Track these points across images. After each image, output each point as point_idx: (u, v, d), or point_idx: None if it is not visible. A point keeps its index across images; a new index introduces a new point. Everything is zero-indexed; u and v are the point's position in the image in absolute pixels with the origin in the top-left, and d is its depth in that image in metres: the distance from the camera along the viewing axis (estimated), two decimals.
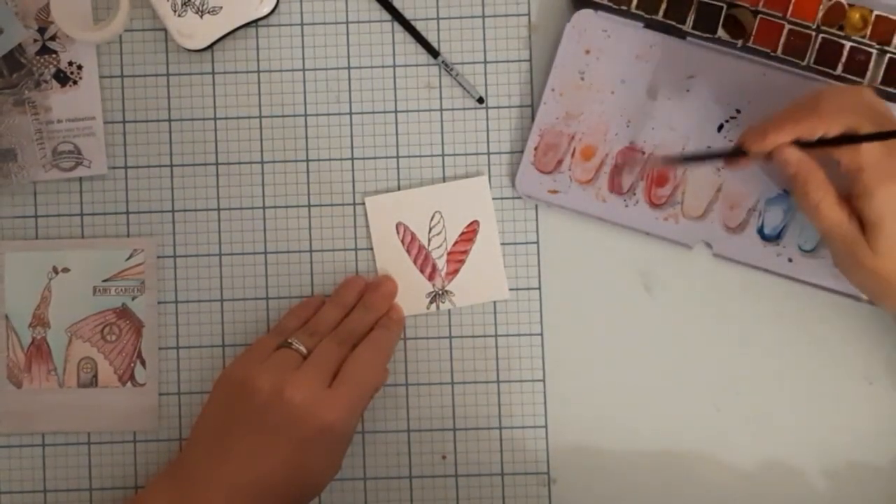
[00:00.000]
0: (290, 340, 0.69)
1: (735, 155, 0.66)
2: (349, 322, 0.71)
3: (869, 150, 0.61)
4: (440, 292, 0.74)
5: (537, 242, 0.75)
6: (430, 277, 0.74)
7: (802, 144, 0.63)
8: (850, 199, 0.63)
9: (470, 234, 0.74)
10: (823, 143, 0.62)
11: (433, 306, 0.74)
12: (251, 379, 0.67)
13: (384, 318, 0.73)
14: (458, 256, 0.74)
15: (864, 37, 0.72)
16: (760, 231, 0.73)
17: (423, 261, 0.74)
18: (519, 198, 0.75)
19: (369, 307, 0.72)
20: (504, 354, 0.75)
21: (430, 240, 0.74)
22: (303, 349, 0.68)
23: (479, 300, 0.74)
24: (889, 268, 0.62)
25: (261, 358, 0.68)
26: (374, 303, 0.72)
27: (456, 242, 0.74)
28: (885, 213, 0.61)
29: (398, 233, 0.75)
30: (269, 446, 0.65)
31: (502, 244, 0.74)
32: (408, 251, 0.74)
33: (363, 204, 0.75)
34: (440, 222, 0.74)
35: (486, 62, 0.75)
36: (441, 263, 0.74)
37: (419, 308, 0.74)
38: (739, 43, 0.73)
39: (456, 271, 0.74)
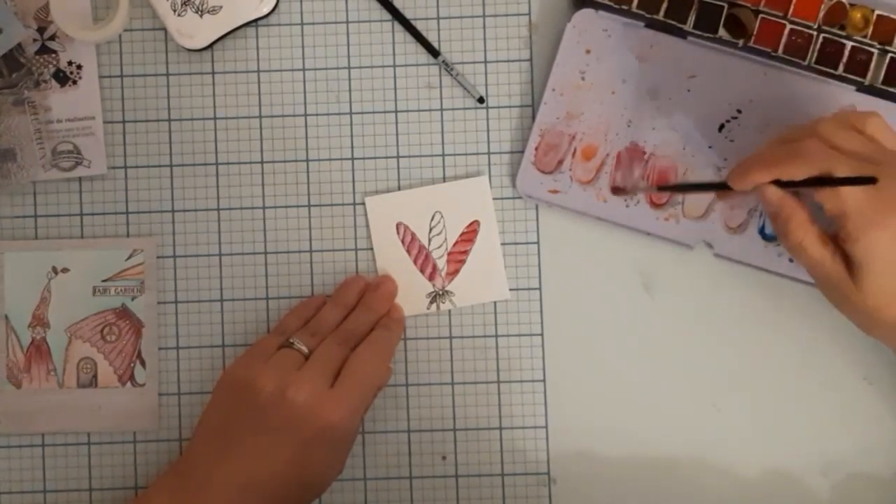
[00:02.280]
0: (291, 340, 0.69)
1: (723, 189, 0.65)
2: (350, 322, 0.71)
3: (851, 194, 0.60)
4: (440, 292, 0.74)
5: (537, 242, 0.74)
6: (431, 277, 0.74)
7: (783, 184, 0.62)
8: (835, 237, 0.63)
9: (470, 234, 0.74)
10: (802, 183, 0.61)
11: (433, 306, 0.74)
12: (253, 379, 0.67)
13: (385, 317, 0.73)
14: (458, 256, 0.74)
15: (865, 37, 0.72)
16: (761, 231, 0.73)
17: (423, 261, 0.74)
18: (519, 198, 0.74)
19: (370, 307, 0.72)
20: (504, 354, 0.74)
21: (430, 240, 0.74)
22: (304, 349, 0.68)
23: (480, 300, 0.74)
24: (874, 304, 0.62)
25: (262, 358, 0.68)
26: (374, 303, 0.72)
27: (456, 242, 0.74)
28: (870, 257, 0.61)
29: (398, 233, 0.74)
30: (272, 446, 0.65)
31: (502, 244, 0.74)
32: (408, 251, 0.74)
33: (363, 204, 0.75)
34: (440, 222, 0.74)
35: (486, 62, 0.75)
36: (441, 263, 0.74)
37: (419, 308, 0.74)
38: (741, 43, 0.73)
39: (456, 271, 0.74)
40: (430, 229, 0.74)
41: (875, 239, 0.60)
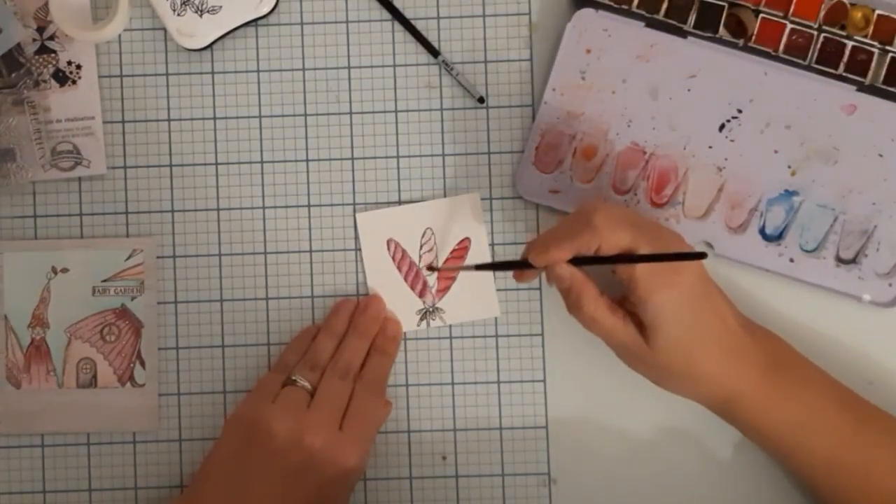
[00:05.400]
0: (293, 378, 0.70)
1: (522, 267, 0.67)
2: (345, 352, 0.71)
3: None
4: (430, 309, 0.74)
5: None
6: (421, 294, 0.74)
7: (577, 261, 0.65)
8: (624, 301, 0.66)
9: (461, 251, 0.74)
10: (596, 260, 0.64)
11: (423, 323, 0.74)
12: (265, 422, 0.67)
13: (379, 337, 0.73)
14: (448, 273, 0.74)
15: (865, 36, 0.72)
16: (762, 231, 0.73)
17: (413, 277, 0.74)
18: (519, 198, 0.74)
19: (361, 332, 0.72)
20: (504, 355, 0.74)
21: (420, 256, 0.74)
22: (307, 385, 0.69)
23: (470, 318, 0.74)
24: (665, 360, 0.66)
25: (268, 398, 0.69)
26: (364, 327, 0.73)
27: (447, 259, 0.74)
28: (660, 317, 0.64)
29: (389, 249, 0.74)
30: (290, 489, 0.66)
31: (503, 245, 0.74)
32: (398, 268, 0.74)
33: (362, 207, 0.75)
34: (431, 239, 0.74)
35: (486, 62, 0.75)
36: (432, 280, 0.74)
37: (409, 325, 0.74)
38: (741, 42, 0.73)
39: (447, 288, 0.74)
40: (421, 246, 0.74)
41: (663, 300, 0.64)
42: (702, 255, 0.62)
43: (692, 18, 0.73)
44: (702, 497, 0.74)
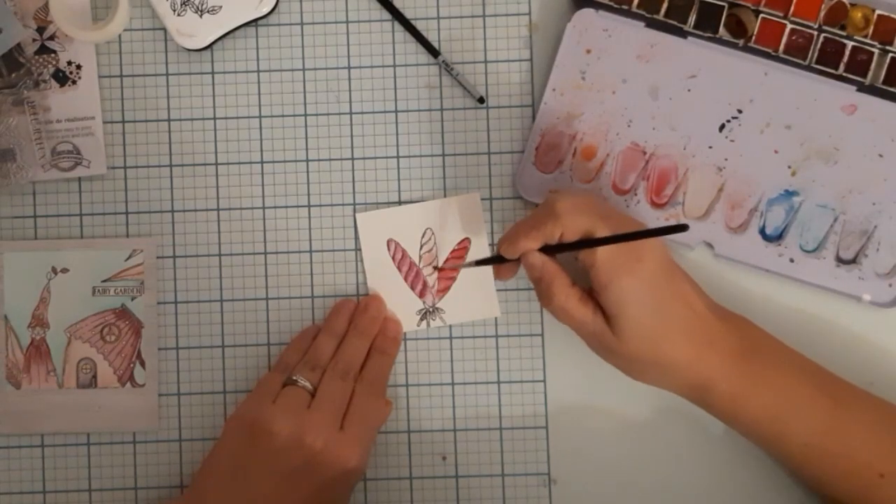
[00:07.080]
0: (294, 378, 0.70)
1: (498, 261, 0.68)
2: (345, 353, 0.72)
3: (601, 248, 0.64)
4: (430, 309, 0.74)
5: None
6: (421, 294, 0.74)
7: (546, 249, 0.65)
8: (591, 292, 0.66)
9: (461, 251, 0.74)
10: (564, 247, 0.64)
11: (423, 323, 0.74)
12: (266, 421, 0.67)
13: (379, 338, 0.73)
14: (448, 273, 0.74)
15: (865, 36, 0.72)
16: (762, 231, 0.73)
17: (413, 277, 0.74)
18: (519, 198, 0.74)
19: (361, 332, 0.73)
20: (504, 354, 0.74)
21: (420, 256, 0.74)
22: (308, 385, 0.69)
23: (470, 318, 0.74)
24: (634, 349, 0.65)
25: (269, 397, 0.69)
26: (364, 327, 0.73)
27: (447, 259, 0.74)
28: (622, 304, 0.64)
29: (389, 249, 0.74)
30: (291, 489, 0.66)
31: None
32: (398, 268, 0.74)
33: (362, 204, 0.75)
34: (431, 239, 0.74)
35: (486, 62, 0.75)
36: (432, 280, 0.74)
37: (410, 325, 0.74)
38: (741, 42, 0.73)
39: (447, 288, 0.74)
40: (421, 246, 0.74)
41: (625, 286, 0.63)
42: (682, 228, 0.60)
43: (692, 18, 0.73)
44: (703, 497, 0.74)
